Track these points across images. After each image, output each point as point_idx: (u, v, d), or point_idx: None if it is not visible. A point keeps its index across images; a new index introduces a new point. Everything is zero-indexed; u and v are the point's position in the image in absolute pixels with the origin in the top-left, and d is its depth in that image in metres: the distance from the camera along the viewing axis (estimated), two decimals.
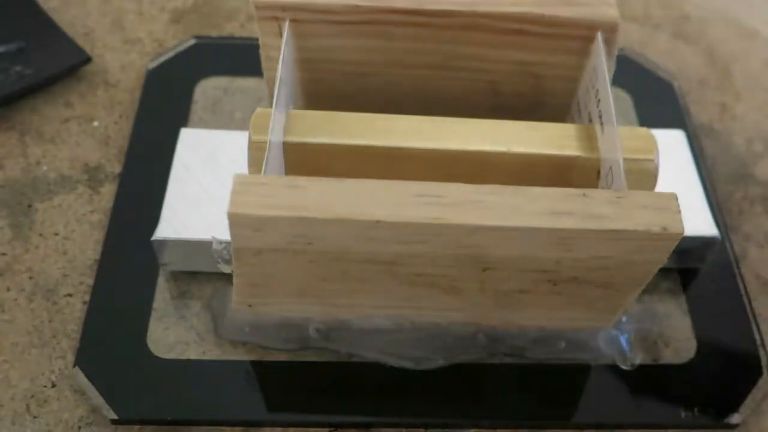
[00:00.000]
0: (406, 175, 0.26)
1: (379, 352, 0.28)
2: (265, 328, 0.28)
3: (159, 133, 0.34)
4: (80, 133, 0.35)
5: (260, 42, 0.29)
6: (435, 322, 0.28)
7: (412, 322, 0.28)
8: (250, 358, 0.29)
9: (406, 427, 0.28)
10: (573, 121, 0.31)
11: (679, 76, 0.39)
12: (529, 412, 0.28)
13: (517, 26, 0.28)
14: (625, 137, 0.26)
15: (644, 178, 0.27)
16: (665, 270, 0.31)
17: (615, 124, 0.26)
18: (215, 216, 0.29)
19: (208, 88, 0.37)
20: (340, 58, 0.29)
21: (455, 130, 0.27)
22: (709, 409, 0.28)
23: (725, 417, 0.28)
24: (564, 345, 0.29)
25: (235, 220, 0.23)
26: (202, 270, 0.30)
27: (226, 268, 0.28)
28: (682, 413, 0.28)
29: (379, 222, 0.23)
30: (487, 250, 0.24)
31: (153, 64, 0.37)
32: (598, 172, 0.27)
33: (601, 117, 0.27)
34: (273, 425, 0.28)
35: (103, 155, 0.34)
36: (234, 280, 0.26)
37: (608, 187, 0.26)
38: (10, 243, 0.31)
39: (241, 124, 0.35)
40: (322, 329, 0.28)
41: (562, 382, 0.29)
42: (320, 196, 0.23)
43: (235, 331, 0.29)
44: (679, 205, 0.23)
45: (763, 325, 0.31)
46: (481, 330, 0.28)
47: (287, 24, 0.28)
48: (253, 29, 0.29)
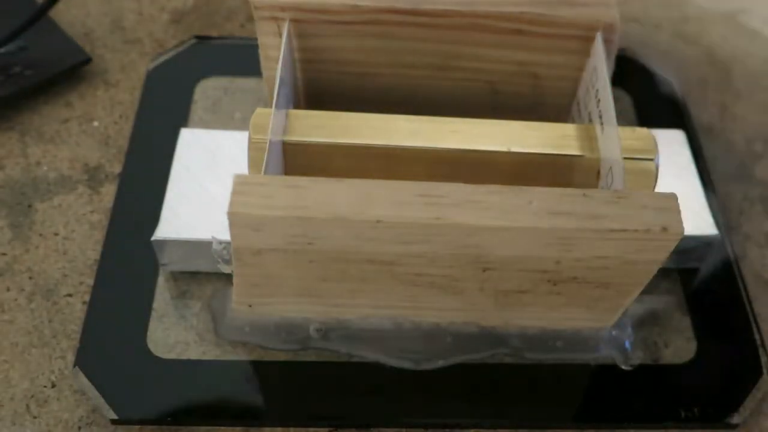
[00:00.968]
0: (406, 175, 0.26)
1: (379, 352, 0.28)
2: (265, 328, 0.28)
3: (159, 133, 0.34)
4: (80, 133, 0.35)
5: (259, 42, 0.29)
6: (435, 322, 0.28)
7: (412, 322, 0.28)
8: (250, 358, 0.29)
9: (406, 427, 0.28)
10: (573, 121, 0.31)
11: (679, 76, 0.39)
12: (529, 412, 0.28)
13: (517, 26, 0.28)
14: (625, 137, 0.26)
15: (644, 178, 0.27)
16: (665, 270, 0.31)
17: (615, 124, 0.26)
18: (215, 216, 0.29)
19: (208, 88, 0.37)
20: (340, 58, 0.29)
21: (455, 130, 0.27)
22: (709, 409, 0.28)
23: (725, 417, 0.28)
24: (564, 345, 0.29)
25: (235, 220, 0.23)
26: (202, 270, 0.30)
27: (226, 268, 0.28)
28: (682, 413, 0.28)
29: (379, 222, 0.23)
30: (487, 250, 0.24)
31: (153, 64, 0.37)
32: (598, 172, 0.27)
33: (601, 117, 0.27)
34: (273, 425, 0.27)
35: (103, 155, 0.34)
36: (234, 280, 0.26)
37: (608, 187, 0.26)
38: (10, 243, 0.31)
39: (241, 124, 0.35)
40: (322, 329, 0.28)
41: (562, 382, 0.29)
42: (320, 196, 0.23)
43: (235, 331, 0.29)
44: (679, 205, 0.23)
45: (763, 325, 0.31)
46: (481, 330, 0.28)
47: (287, 24, 0.28)
48: (253, 29, 0.29)
